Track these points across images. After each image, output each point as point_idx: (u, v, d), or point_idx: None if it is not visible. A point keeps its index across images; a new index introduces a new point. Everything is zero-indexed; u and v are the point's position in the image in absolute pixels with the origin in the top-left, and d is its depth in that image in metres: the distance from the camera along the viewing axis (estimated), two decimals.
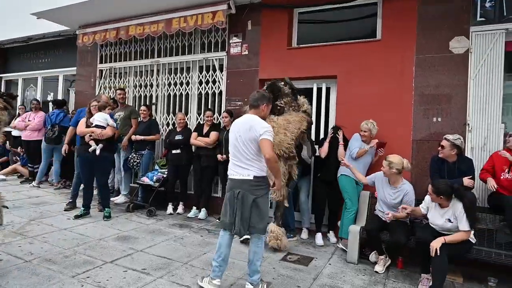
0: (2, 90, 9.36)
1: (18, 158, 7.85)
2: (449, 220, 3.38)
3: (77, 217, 4.93)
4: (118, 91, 6.28)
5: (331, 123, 5.13)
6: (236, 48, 5.79)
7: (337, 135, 4.59)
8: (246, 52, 5.71)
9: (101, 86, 7.28)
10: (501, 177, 3.73)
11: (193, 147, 5.70)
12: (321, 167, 4.69)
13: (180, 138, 5.57)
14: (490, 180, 3.70)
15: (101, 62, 7.31)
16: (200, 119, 6.11)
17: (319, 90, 5.29)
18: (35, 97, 8.63)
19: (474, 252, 3.46)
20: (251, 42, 5.68)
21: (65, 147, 6.22)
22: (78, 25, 7.08)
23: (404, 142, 4.55)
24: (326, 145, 4.58)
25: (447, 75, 4.38)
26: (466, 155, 4.17)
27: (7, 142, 8.14)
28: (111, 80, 7.19)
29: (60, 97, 8.25)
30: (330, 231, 4.69)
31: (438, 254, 3.17)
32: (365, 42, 4.87)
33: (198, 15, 5.68)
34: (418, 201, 3.81)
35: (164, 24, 5.99)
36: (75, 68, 7.72)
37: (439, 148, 3.93)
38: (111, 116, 5.28)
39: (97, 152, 4.86)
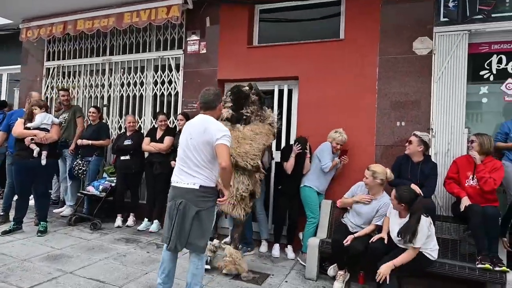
0: None
1: None
2: None
3: (4, 233, 4.33)
4: (61, 92, 5.70)
5: (293, 127, 4.83)
6: (194, 46, 5.39)
7: (305, 150, 4.20)
8: (204, 51, 5.32)
9: (48, 85, 6.65)
10: (466, 184, 3.51)
11: (145, 153, 5.23)
12: (283, 179, 4.29)
13: (129, 143, 5.09)
14: (464, 200, 3.39)
15: (48, 60, 6.69)
16: (155, 122, 5.64)
17: (281, 92, 4.97)
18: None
19: (437, 266, 3.20)
20: (209, 40, 5.30)
21: None
22: (21, 18, 6.44)
23: (368, 147, 4.30)
24: (292, 160, 4.15)
25: (411, 77, 4.18)
26: None
27: None
28: (59, 79, 6.58)
29: (3, 97, 7.50)
30: (288, 246, 4.32)
31: (388, 281, 2.91)
32: (328, 41, 4.61)
33: (152, 9, 5.24)
34: None
35: (115, 19, 5.50)
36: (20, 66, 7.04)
37: (407, 144, 3.73)
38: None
39: (43, 162, 4.33)
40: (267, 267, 3.91)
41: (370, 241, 3.33)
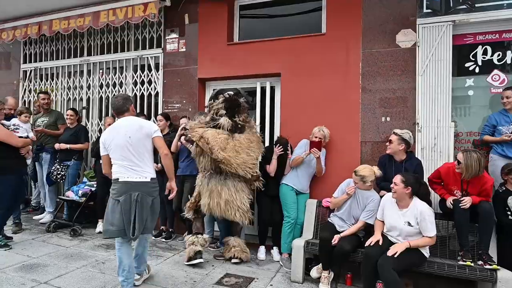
0: None
1: None
2: (409, 224, 3.02)
3: None
4: (41, 96, 5.50)
5: (277, 126, 4.70)
6: (173, 44, 5.23)
7: (287, 151, 4.07)
8: (184, 49, 5.16)
9: (25, 89, 6.43)
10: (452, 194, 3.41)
11: None
12: (265, 181, 4.08)
13: None
14: (450, 199, 3.25)
15: (25, 62, 6.47)
16: None
17: (263, 89, 4.83)
18: None
19: (426, 265, 3.10)
20: (188, 37, 5.14)
21: None
22: None
23: (352, 144, 4.19)
24: (274, 162, 4.03)
25: (395, 71, 4.07)
26: (417, 155, 3.87)
27: None
28: (36, 82, 6.36)
29: None
30: (274, 247, 4.19)
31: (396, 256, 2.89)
32: (309, 36, 4.47)
33: (129, 7, 5.07)
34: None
35: (91, 18, 5.32)
36: None
37: (387, 143, 3.61)
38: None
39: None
40: (251, 270, 3.78)
41: (365, 245, 3.19)
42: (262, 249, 4.17)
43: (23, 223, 5.08)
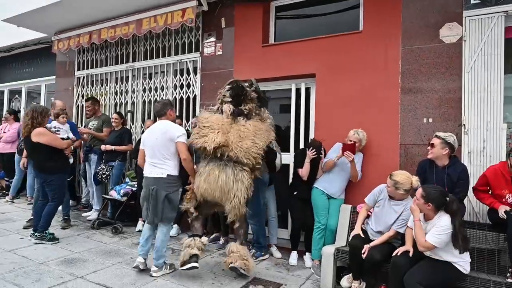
0: None
1: None
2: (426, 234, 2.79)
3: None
4: (86, 104, 5.93)
5: (312, 128, 4.57)
6: (210, 48, 5.33)
7: (320, 154, 3.94)
8: (220, 52, 5.23)
9: (78, 94, 6.93)
10: (503, 200, 3.06)
11: None
12: (298, 185, 4.04)
13: None
14: (502, 208, 2.94)
15: (78, 69, 6.98)
16: None
17: (299, 91, 4.73)
18: (19, 108, 8.42)
19: (468, 281, 2.80)
20: (225, 41, 5.20)
21: (23, 161, 5.78)
22: (54, 31, 6.79)
23: (391, 147, 3.94)
24: (307, 166, 3.91)
25: (438, 69, 3.76)
26: (463, 160, 3.54)
27: None
28: (88, 87, 6.83)
29: None
30: (306, 253, 4.05)
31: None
32: (345, 35, 4.30)
33: (168, 13, 5.26)
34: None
35: (135, 25, 5.60)
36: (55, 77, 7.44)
37: (429, 147, 3.32)
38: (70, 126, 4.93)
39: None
40: (280, 275, 3.69)
41: (393, 254, 2.98)
42: (293, 254, 4.06)
43: (73, 219, 5.46)
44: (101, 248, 4.30)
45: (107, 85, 6.56)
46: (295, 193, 3.91)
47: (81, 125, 6.48)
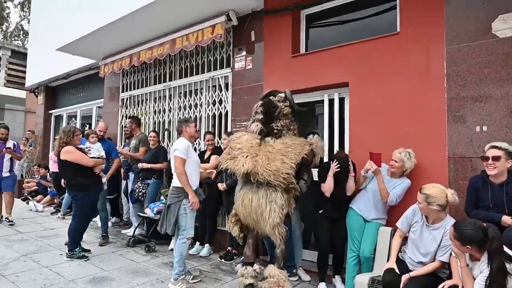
0: (52, 125, 10.06)
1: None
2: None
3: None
4: (126, 123, 6.14)
5: (347, 142, 4.18)
6: (241, 63, 5.22)
7: (348, 167, 3.56)
8: (250, 66, 5.09)
9: (123, 115, 7.23)
10: None
11: None
12: (323, 202, 3.67)
13: None
14: None
15: (123, 91, 7.30)
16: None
17: (332, 102, 4.40)
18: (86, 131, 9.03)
19: None
20: (255, 54, 5.05)
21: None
22: (101, 57, 7.22)
23: (438, 161, 3.42)
24: (330, 180, 3.54)
25: (491, 68, 3.22)
26: None
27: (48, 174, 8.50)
28: (131, 108, 7.10)
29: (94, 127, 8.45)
30: (336, 276, 3.64)
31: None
32: (380, 38, 3.91)
33: (199, 31, 5.28)
34: None
35: (169, 45, 5.71)
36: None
37: (487, 161, 2.76)
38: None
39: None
40: None
41: None
42: (322, 286, 3.60)
43: (113, 236, 5.58)
44: (131, 267, 4.26)
45: (147, 105, 6.75)
46: (320, 211, 3.53)
47: (121, 145, 6.68)
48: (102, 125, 5.69)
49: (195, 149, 5.33)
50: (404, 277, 2.64)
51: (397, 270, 2.79)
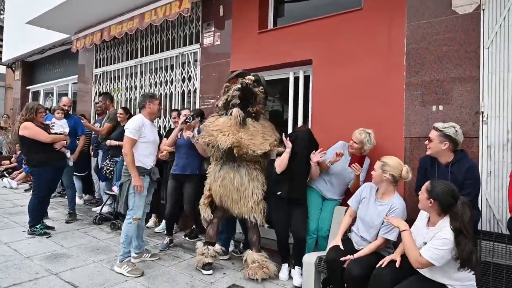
0: (29, 101, 9.85)
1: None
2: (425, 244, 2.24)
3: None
4: (99, 100, 6.03)
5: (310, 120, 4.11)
6: (209, 38, 5.07)
7: (309, 142, 3.39)
8: (218, 42, 4.95)
9: (96, 91, 7.08)
10: None
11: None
12: (279, 181, 3.40)
13: None
14: None
15: (96, 67, 7.12)
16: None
17: (297, 80, 4.30)
18: (52, 106, 8.85)
19: None
20: (223, 30, 4.90)
21: None
22: (74, 31, 6.99)
23: (394, 140, 3.38)
24: (286, 156, 3.27)
25: (450, 45, 3.13)
26: (481, 156, 2.92)
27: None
28: (104, 84, 6.94)
29: None
30: (296, 267, 3.34)
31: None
32: (344, 13, 3.79)
33: (167, 5, 5.08)
34: (412, 220, 2.59)
35: (138, 20, 5.52)
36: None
37: (426, 142, 2.78)
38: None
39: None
40: (261, 285, 3.32)
41: (377, 266, 2.50)
42: (284, 268, 3.48)
43: (82, 214, 5.55)
44: (92, 244, 4.25)
45: (119, 82, 6.60)
46: (278, 192, 3.39)
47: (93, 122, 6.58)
48: (65, 100, 5.55)
49: (165, 127, 5.23)
50: (349, 257, 2.63)
51: (342, 247, 2.78)
